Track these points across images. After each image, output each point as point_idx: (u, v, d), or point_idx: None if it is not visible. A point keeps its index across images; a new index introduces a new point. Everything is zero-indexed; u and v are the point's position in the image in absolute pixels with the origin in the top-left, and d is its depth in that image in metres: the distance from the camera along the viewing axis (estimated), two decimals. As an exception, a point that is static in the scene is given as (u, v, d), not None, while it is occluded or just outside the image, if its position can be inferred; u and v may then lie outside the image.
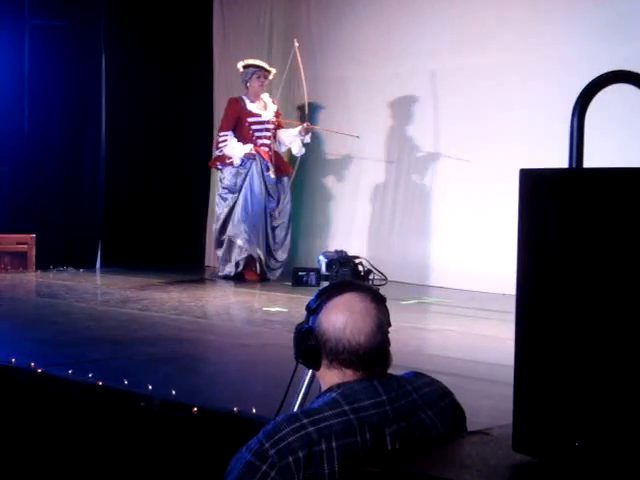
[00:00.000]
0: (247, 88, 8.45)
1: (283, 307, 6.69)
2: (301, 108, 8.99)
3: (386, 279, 2.78)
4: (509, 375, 1.85)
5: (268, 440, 1.89)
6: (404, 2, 8.69)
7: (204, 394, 3.82)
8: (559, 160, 1.94)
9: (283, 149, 8.68)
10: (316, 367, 2.08)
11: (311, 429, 1.89)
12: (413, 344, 5.29)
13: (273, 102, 8.56)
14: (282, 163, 8.58)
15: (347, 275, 2.62)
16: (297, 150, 8.58)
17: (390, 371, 2.16)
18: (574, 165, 1.93)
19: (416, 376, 2.12)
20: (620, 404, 1.65)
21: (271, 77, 8.55)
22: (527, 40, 7.76)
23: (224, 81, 10.10)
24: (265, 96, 8.50)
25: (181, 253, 10.08)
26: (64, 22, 9.39)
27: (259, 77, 8.38)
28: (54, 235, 9.21)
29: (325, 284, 2.59)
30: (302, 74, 8.33)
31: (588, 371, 1.69)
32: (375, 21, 8.86)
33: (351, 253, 2.78)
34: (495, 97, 7.94)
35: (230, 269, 8.44)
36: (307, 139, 8.51)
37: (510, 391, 1.82)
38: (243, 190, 8.31)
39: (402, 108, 8.70)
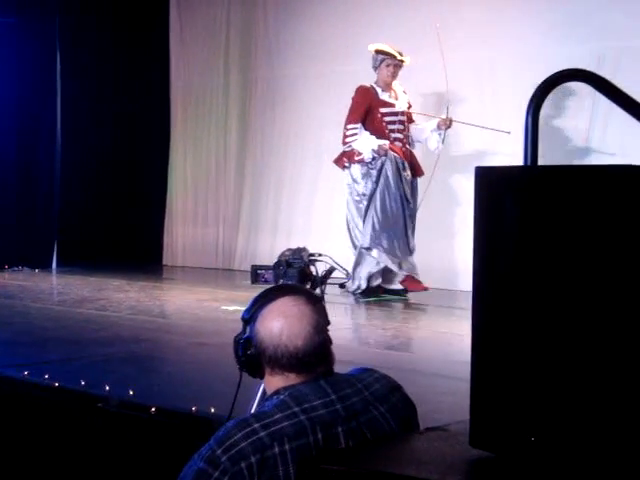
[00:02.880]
0: (376, 76, 7.40)
1: (242, 305, 6.61)
2: (438, 97, 7.84)
3: (348, 276, 2.78)
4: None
5: (220, 446, 1.88)
6: (362, 1, 8.70)
7: (162, 394, 3.79)
8: (518, 157, 1.95)
9: (416, 146, 7.54)
10: (260, 375, 2.09)
11: (262, 433, 1.88)
12: (372, 341, 5.30)
13: (404, 92, 7.50)
14: (416, 162, 7.39)
15: (294, 275, 2.61)
16: (435, 146, 7.32)
17: (344, 367, 2.17)
18: (529, 162, 1.95)
19: (366, 372, 2.13)
20: (574, 399, 1.66)
21: (405, 64, 7.39)
22: (482, 38, 7.82)
23: (181, 80, 10.07)
24: (396, 84, 7.42)
25: (139, 252, 10.01)
26: (14, 19, 9.24)
27: (388, 65, 7.30)
28: (9, 235, 9.10)
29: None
30: (443, 58, 7.02)
31: (543, 366, 1.70)
32: (332, 19, 8.88)
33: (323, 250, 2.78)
34: (452, 95, 7.98)
35: (360, 282, 7.25)
36: (446, 133, 7.27)
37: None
38: (378, 193, 7.14)
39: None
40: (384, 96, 7.32)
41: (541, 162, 1.90)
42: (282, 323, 2.02)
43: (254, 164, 9.60)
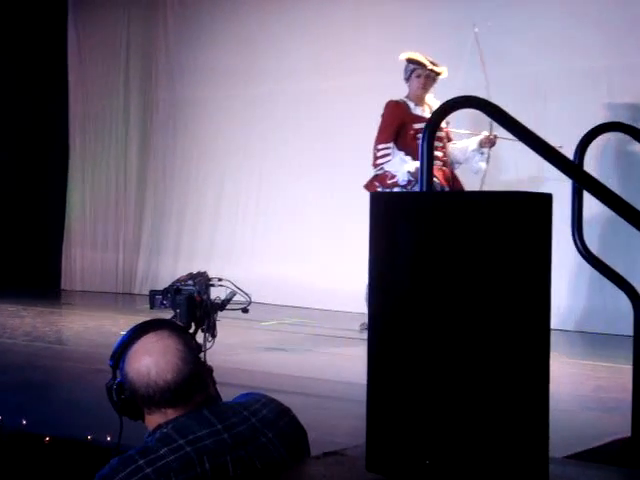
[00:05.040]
0: (407, 88, 6.58)
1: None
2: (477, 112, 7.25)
3: (250, 300, 2.77)
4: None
5: None
6: (263, 23, 8.75)
7: (57, 423, 3.70)
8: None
9: (456, 167, 6.63)
10: (141, 418, 2.06)
11: (148, 470, 1.86)
12: (271, 365, 5.29)
13: None
14: (459, 185, 6.54)
15: (182, 302, 2.60)
16: (478, 168, 6.48)
17: (243, 391, 2.15)
18: (424, 188, 1.98)
19: (252, 398, 2.11)
20: (468, 423, 1.69)
21: (442, 77, 6.52)
22: (383, 63, 7.93)
23: (80, 100, 9.92)
24: (430, 98, 6.51)
25: (36, 276, 9.78)
26: None
27: (419, 76, 6.46)
28: None
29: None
30: (483, 67, 6.26)
31: (438, 389, 1.72)
32: (234, 42, 8.89)
33: (220, 273, 2.76)
34: (352, 119, 8.08)
35: None
36: (490, 152, 6.42)
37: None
38: None
39: (261, 130, 8.74)
40: (417, 111, 6.47)
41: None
42: (148, 361, 2.00)
43: (155, 187, 9.51)
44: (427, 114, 6.35)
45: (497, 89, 6.07)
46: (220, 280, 2.78)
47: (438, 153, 6.26)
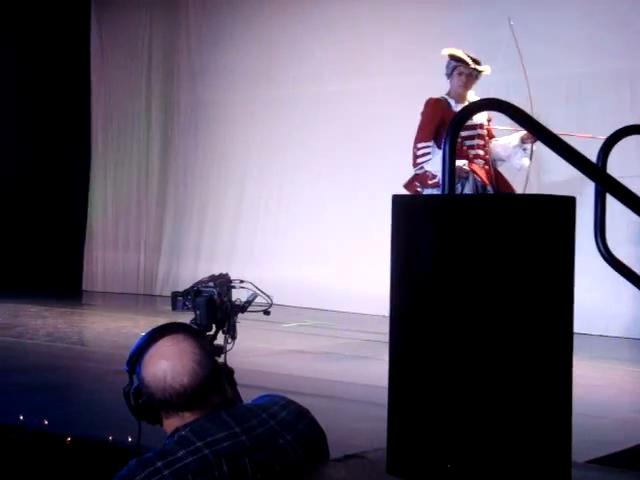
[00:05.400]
0: (448, 85, 6.31)
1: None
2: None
3: (271, 302, 2.77)
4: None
5: None
6: (284, 26, 8.75)
7: (78, 423, 3.72)
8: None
9: (498, 164, 6.36)
10: (159, 421, 2.07)
11: (166, 472, 1.86)
12: (292, 367, 5.28)
13: None
14: (503, 182, 6.27)
15: (202, 304, 2.59)
16: (521, 164, 6.22)
17: (263, 392, 2.15)
18: (447, 191, 1.97)
19: (271, 400, 2.11)
20: (490, 426, 1.68)
21: (484, 75, 6.26)
22: (402, 65, 7.93)
23: (102, 102, 9.96)
24: (472, 95, 6.25)
25: (58, 277, 9.83)
26: None
27: (461, 74, 6.20)
28: None
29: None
30: (521, 60, 6.04)
31: (460, 393, 1.72)
32: (255, 44, 8.90)
33: (247, 275, 2.75)
34: (371, 122, 8.08)
35: None
36: (533, 148, 6.14)
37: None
38: None
39: (282, 132, 8.74)
40: (458, 108, 6.17)
41: None
42: (164, 365, 2.01)
43: (176, 189, 9.54)
44: None
45: (519, 90, 6.02)
46: (242, 282, 2.78)
47: (480, 151, 6.15)
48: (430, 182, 6.08)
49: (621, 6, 7.02)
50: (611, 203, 2.47)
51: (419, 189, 6.15)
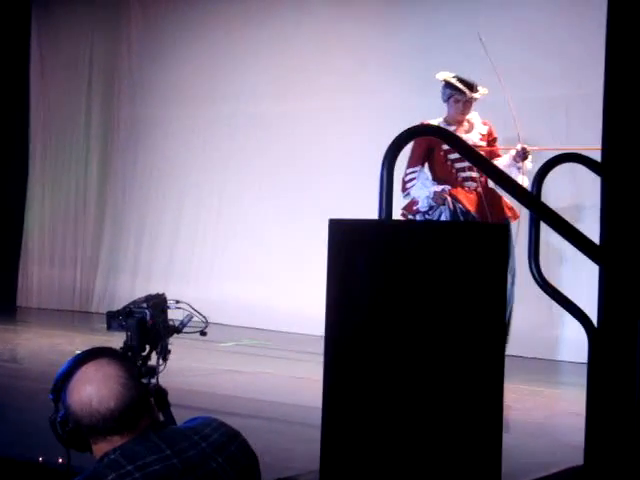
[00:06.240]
0: (446, 110, 6.22)
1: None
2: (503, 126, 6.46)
3: (207, 323, 2.76)
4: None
5: None
6: (227, 44, 8.75)
7: (9, 443, 3.65)
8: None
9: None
10: (88, 449, 2.05)
11: None
12: (228, 387, 5.26)
13: (484, 123, 6.23)
14: (498, 204, 6.04)
15: (133, 326, 2.59)
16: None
17: (198, 413, 2.14)
18: (383, 216, 1.99)
19: (203, 423, 2.10)
20: (421, 450, 1.70)
21: (479, 96, 6.14)
22: (346, 85, 7.98)
23: (41, 116, 9.85)
24: (474, 115, 6.21)
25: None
26: None
27: (457, 102, 6.12)
28: None
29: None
30: (499, 78, 5.88)
31: (391, 416, 1.73)
32: (197, 62, 8.89)
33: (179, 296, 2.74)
34: (314, 143, 8.12)
35: None
36: (528, 165, 5.97)
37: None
38: None
39: (223, 150, 8.73)
40: (449, 130, 6.02)
41: None
42: (89, 390, 2.00)
43: (115, 205, 9.45)
44: (462, 132, 6.05)
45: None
46: (178, 302, 2.77)
47: (473, 174, 6.01)
48: (414, 208, 6.04)
49: (557, 33, 7.18)
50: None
51: (409, 216, 6.04)
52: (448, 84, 6.13)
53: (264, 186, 8.46)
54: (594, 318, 2.82)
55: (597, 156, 3.20)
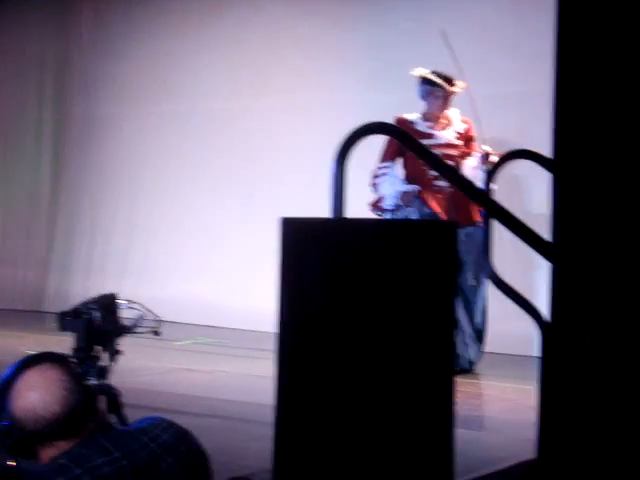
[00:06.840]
0: (425, 105, 6.05)
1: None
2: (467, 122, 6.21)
3: (160, 322, 2.74)
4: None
5: None
6: (181, 41, 8.70)
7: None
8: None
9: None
10: (34, 456, 2.03)
11: None
12: (184, 386, 5.23)
13: (464, 121, 6.07)
14: (465, 208, 5.79)
15: (80, 327, 2.56)
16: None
17: (152, 413, 2.13)
18: (335, 214, 1.99)
19: (152, 424, 2.09)
20: (373, 447, 1.70)
21: (458, 90, 6.02)
22: (300, 83, 7.98)
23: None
24: (454, 112, 6.06)
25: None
26: None
27: (437, 98, 5.95)
28: None
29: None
30: (463, 74, 5.87)
31: (344, 414, 1.73)
32: (149, 59, 8.83)
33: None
34: (270, 142, 8.11)
35: None
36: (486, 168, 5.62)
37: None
38: None
39: (177, 147, 8.68)
40: (422, 126, 5.91)
41: None
42: (32, 397, 1.99)
43: (67, 203, 9.35)
44: (436, 130, 5.95)
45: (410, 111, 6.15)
46: (130, 302, 2.74)
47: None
48: (380, 205, 5.93)
49: (510, 28, 7.24)
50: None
51: (378, 213, 5.93)
52: (425, 80, 5.98)
53: (218, 184, 8.43)
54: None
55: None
